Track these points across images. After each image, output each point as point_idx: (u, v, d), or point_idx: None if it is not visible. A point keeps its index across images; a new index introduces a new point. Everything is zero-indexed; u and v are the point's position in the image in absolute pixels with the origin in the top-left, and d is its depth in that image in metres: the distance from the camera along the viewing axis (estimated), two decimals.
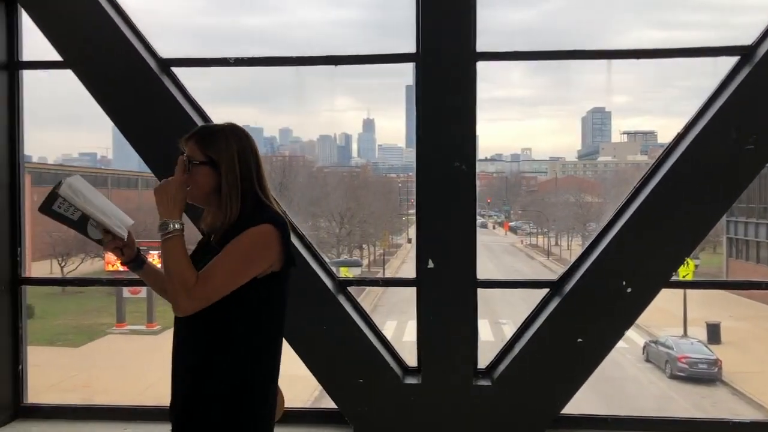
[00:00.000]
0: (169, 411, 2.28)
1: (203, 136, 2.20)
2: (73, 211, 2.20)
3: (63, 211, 2.20)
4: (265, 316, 2.16)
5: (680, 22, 64.65)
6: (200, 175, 2.17)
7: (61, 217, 2.22)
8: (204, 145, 2.18)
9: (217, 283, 2.05)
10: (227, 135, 2.19)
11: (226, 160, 2.15)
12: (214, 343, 2.11)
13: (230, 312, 2.09)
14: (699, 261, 23.13)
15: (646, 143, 45.91)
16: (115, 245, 2.23)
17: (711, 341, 20.29)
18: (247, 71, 5.40)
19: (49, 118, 45.44)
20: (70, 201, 2.18)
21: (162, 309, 23.90)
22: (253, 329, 2.13)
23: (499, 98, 62.10)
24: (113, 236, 2.23)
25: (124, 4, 4.41)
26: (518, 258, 33.44)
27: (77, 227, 2.24)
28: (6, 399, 4.50)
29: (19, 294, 4.61)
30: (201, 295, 2.04)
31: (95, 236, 2.25)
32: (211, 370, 2.11)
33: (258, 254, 2.08)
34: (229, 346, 2.11)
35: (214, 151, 2.16)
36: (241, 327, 2.12)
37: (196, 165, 2.17)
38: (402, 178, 39.59)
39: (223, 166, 2.15)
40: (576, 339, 4.09)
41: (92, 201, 2.21)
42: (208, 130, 2.23)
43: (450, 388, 4.15)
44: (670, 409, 15.55)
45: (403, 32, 4.37)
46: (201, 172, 2.17)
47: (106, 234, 2.22)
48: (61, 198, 2.18)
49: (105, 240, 2.23)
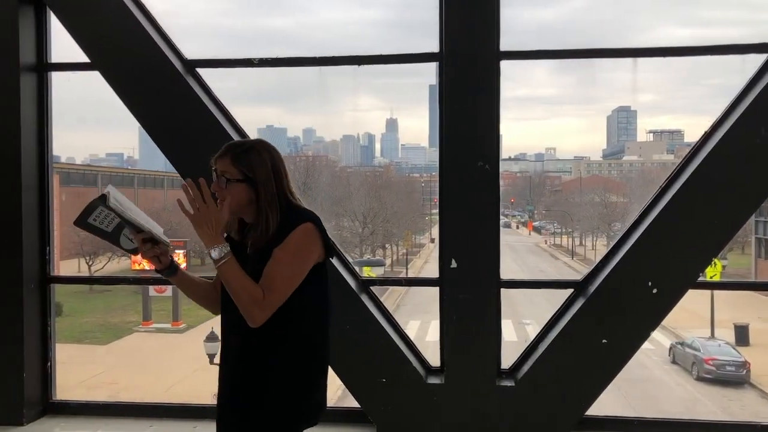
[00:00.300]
0: (223, 409, 2.42)
1: (237, 153, 2.29)
2: (107, 223, 2.28)
3: (98, 223, 2.28)
4: (316, 305, 2.33)
5: (707, 19, 63.83)
6: (236, 191, 2.26)
7: (96, 229, 2.30)
8: (240, 163, 2.27)
9: (280, 289, 2.20)
10: (260, 151, 2.31)
11: (262, 175, 2.27)
12: (276, 337, 2.25)
13: (289, 306, 2.24)
14: (727, 261, 22.79)
15: (673, 142, 45.35)
16: (153, 253, 2.32)
17: (739, 343, 19.98)
18: (271, 72, 5.44)
19: (77, 119, 46.13)
20: (117, 212, 2.24)
21: (187, 308, 24.13)
22: (307, 319, 2.30)
23: (523, 97, 61.76)
24: (152, 244, 2.30)
25: (150, 6, 4.47)
26: (542, 258, 33.23)
27: (110, 238, 2.32)
28: (35, 395, 4.58)
29: (48, 292, 4.69)
30: (270, 304, 2.19)
31: (128, 246, 2.34)
32: (274, 363, 2.26)
33: (307, 253, 2.24)
34: (289, 338, 2.26)
35: (250, 168, 2.27)
36: (298, 319, 2.27)
37: (233, 182, 2.26)
38: (425, 177, 39.54)
39: (260, 181, 2.26)
40: (601, 340, 4.06)
41: (134, 211, 2.29)
42: (241, 148, 2.33)
43: (473, 389, 4.14)
44: (696, 411, 15.35)
45: (426, 32, 4.37)
46: (237, 189, 2.26)
47: (145, 243, 2.30)
48: (99, 210, 2.25)
49: (144, 248, 2.30)
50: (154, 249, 2.31)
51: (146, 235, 2.29)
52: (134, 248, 2.34)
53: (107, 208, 2.24)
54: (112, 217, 2.27)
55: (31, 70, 4.57)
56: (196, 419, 4.50)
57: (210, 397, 16.22)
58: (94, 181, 34.17)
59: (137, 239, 2.29)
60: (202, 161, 4.38)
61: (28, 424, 4.46)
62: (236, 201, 2.27)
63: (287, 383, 2.28)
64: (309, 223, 2.25)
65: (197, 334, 20.33)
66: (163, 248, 2.33)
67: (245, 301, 2.18)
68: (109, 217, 2.27)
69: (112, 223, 2.28)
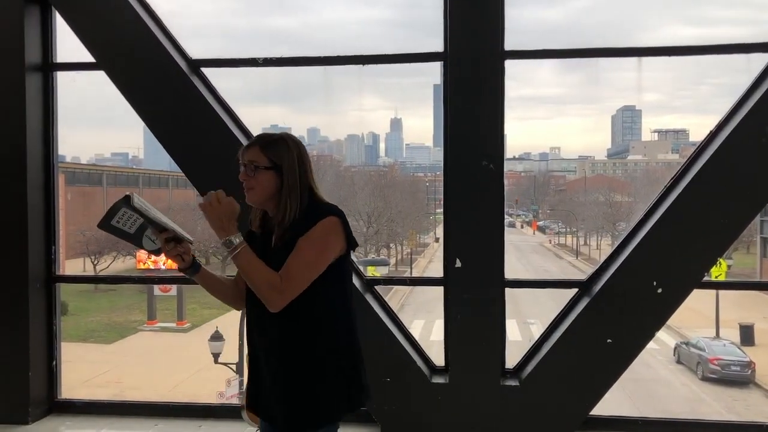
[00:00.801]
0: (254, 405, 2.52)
1: (267, 142, 2.39)
2: (130, 225, 2.33)
3: (121, 225, 2.33)
4: (342, 293, 2.42)
5: (711, 19, 63.63)
6: (264, 179, 2.35)
7: (119, 231, 2.34)
8: (269, 151, 2.36)
9: (299, 277, 2.28)
10: (287, 141, 2.40)
11: (288, 163, 2.36)
12: (306, 328, 2.33)
13: (315, 298, 2.32)
14: (732, 261, 22.73)
15: (677, 142, 45.25)
16: (177, 251, 2.37)
17: (744, 343, 19.92)
18: (275, 71, 5.45)
19: (82, 118, 46.22)
20: (142, 212, 2.28)
21: (191, 307, 24.21)
22: (336, 306, 2.39)
23: (528, 97, 61.59)
24: (175, 243, 2.35)
25: (154, 6, 4.48)
26: (546, 257, 33.17)
27: (133, 240, 2.36)
28: (41, 394, 4.60)
29: (54, 291, 4.71)
30: (288, 289, 2.26)
31: (150, 247, 2.39)
32: (314, 352, 2.33)
33: (329, 244, 2.32)
34: (323, 326, 2.35)
35: (278, 156, 2.36)
36: (324, 308, 2.36)
37: (261, 169, 2.35)
38: (429, 177, 39.51)
39: (286, 169, 2.35)
40: (605, 340, 4.05)
41: (156, 211, 2.34)
42: (270, 138, 2.41)
43: (477, 388, 4.14)
44: (701, 411, 15.31)
45: (431, 31, 4.36)
46: (265, 176, 2.35)
47: (168, 242, 2.34)
48: (122, 212, 2.29)
49: (167, 247, 2.35)
50: (177, 248, 2.36)
51: (169, 234, 2.34)
52: (156, 249, 2.39)
53: (130, 210, 2.29)
54: (135, 218, 2.32)
55: (36, 70, 4.59)
56: (200, 418, 4.51)
57: (215, 396, 16.22)
58: (99, 180, 34.26)
59: (160, 238, 2.34)
60: (206, 160, 4.42)
61: (33, 423, 4.47)
62: (264, 189, 2.35)
63: (331, 370, 2.35)
64: (333, 217, 2.33)
65: (202, 333, 20.38)
66: (186, 246, 2.38)
67: (263, 287, 2.26)
68: (131, 218, 2.31)
69: (135, 224, 2.33)
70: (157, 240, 2.36)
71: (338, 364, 2.37)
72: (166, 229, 2.32)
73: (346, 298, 2.44)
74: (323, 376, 2.34)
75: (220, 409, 4.71)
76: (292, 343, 2.34)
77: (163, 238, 2.34)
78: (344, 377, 2.39)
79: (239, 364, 14.92)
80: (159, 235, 2.33)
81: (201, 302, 25.33)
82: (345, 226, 2.37)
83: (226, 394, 14.66)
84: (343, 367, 2.39)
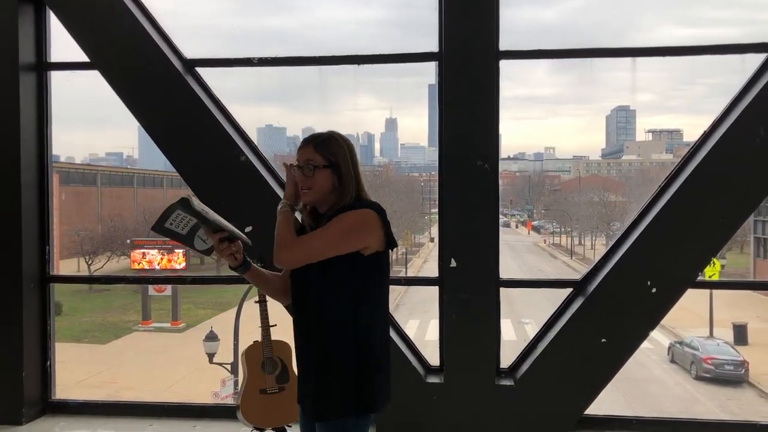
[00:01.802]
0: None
1: (319, 141, 2.43)
2: (183, 226, 2.39)
3: (174, 227, 2.38)
4: (376, 290, 2.43)
5: (706, 19, 63.82)
6: (322, 177, 2.39)
7: (172, 233, 2.39)
8: (323, 149, 2.41)
9: (309, 244, 2.35)
10: (337, 138, 2.45)
11: (342, 159, 2.41)
12: (341, 320, 2.36)
13: (349, 291, 2.36)
14: (725, 261, 22.82)
15: (672, 142, 45.44)
16: (230, 251, 2.41)
17: (738, 342, 20.01)
18: (270, 71, 5.45)
19: (77, 118, 46.11)
20: (202, 213, 2.33)
21: (186, 307, 24.16)
22: (368, 303, 2.40)
23: (523, 97, 61.76)
24: (228, 243, 2.40)
25: (149, 6, 4.47)
26: (541, 257, 33.25)
27: (184, 240, 2.42)
28: (34, 395, 4.58)
29: (48, 291, 4.70)
30: (295, 250, 2.35)
31: (201, 247, 2.45)
32: (341, 345, 2.35)
33: (355, 232, 2.34)
34: (355, 321, 2.36)
35: (332, 154, 2.41)
36: (358, 302, 2.37)
37: (319, 168, 2.39)
38: (424, 177, 39.58)
39: (341, 165, 2.40)
40: (600, 339, 4.06)
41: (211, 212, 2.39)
42: (321, 137, 2.45)
43: (472, 388, 4.14)
44: (695, 410, 15.35)
45: (426, 31, 4.37)
46: (322, 175, 2.39)
47: (222, 242, 2.39)
48: (176, 213, 2.34)
49: (221, 247, 2.40)
50: (230, 247, 2.40)
51: (224, 234, 2.38)
52: (207, 248, 2.45)
53: (183, 212, 2.33)
54: (188, 220, 2.37)
55: (30, 70, 4.57)
56: (195, 418, 4.50)
57: (210, 396, 16.16)
58: (93, 180, 34.19)
59: (214, 238, 2.39)
60: (201, 160, 4.42)
61: (27, 423, 4.46)
62: (321, 187, 2.39)
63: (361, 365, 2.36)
64: (371, 210, 2.37)
65: (197, 333, 20.34)
66: (238, 246, 2.43)
67: (277, 242, 2.34)
68: (185, 220, 2.37)
69: (187, 226, 2.38)
70: (208, 240, 2.41)
71: (377, 362, 2.40)
72: (221, 229, 2.37)
73: (383, 297, 2.47)
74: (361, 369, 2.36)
75: (215, 409, 4.71)
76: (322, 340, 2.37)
77: (217, 238, 2.39)
78: (384, 374, 2.44)
79: (234, 364, 14.89)
80: (212, 236, 2.38)
81: (196, 302, 25.30)
82: (384, 222, 2.39)
83: (221, 394, 14.63)
84: (381, 365, 2.42)
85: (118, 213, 30.53)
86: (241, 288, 15.19)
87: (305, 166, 2.39)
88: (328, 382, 2.37)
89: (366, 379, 2.37)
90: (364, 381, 2.37)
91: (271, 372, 3.80)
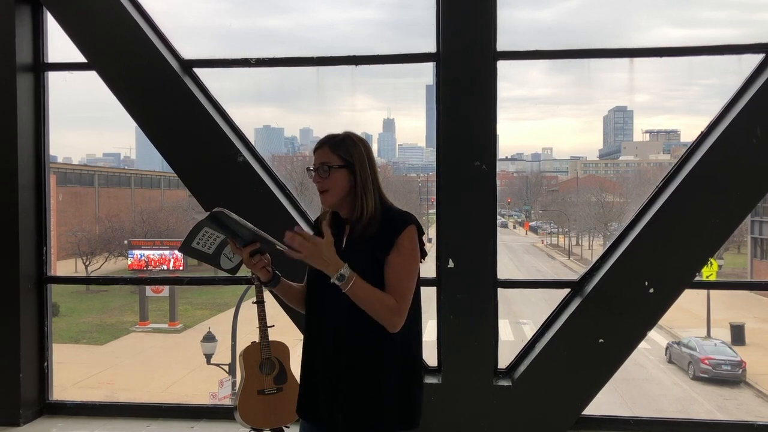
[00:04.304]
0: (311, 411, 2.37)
1: (335, 142, 2.37)
2: (209, 245, 2.31)
3: (201, 246, 2.30)
4: (416, 303, 2.39)
5: (703, 20, 63.96)
6: (338, 177, 2.33)
7: (198, 253, 2.31)
8: (338, 149, 2.35)
9: (408, 292, 2.29)
10: (353, 138, 2.40)
11: (358, 158, 2.35)
12: (382, 336, 2.27)
13: None
14: (723, 261, 22.87)
15: (669, 142, 45.52)
16: (263, 264, 2.32)
17: (735, 342, 20.05)
18: (268, 72, 5.44)
19: (74, 118, 46.07)
20: (237, 226, 2.22)
21: (184, 308, 24.16)
22: (415, 309, 2.36)
23: (520, 97, 61.80)
24: (260, 256, 2.31)
25: (146, 6, 4.47)
26: (539, 258, 33.27)
27: (211, 260, 2.33)
28: (32, 396, 4.57)
29: (45, 292, 4.69)
30: (404, 308, 2.27)
31: (227, 266, 2.37)
32: (382, 360, 2.28)
33: (418, 254, 2.33)
34: (394, 336, 2.28)
35: (348, 153, 2.35)
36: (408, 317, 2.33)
37: (335, 169, 2.33)
38: (422, 177, 39.58)
39: (357, 166, 2.34)
40: (597, 339, 4.06)
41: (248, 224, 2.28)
42: (336, 137, 2.40)
43: (470, 388, 4.14)
44: (692, 411, 15.38)
45: (423, 32, 4.37)
46: (339, 175, 2.33)
47: (253, 256, 2.29)
48: (203, 231, 2.25)
49: (253, 261, 2.30)
50: (261, 260, 2.32)
51: (255, 247, 2.28)
52: (232, 267, 2.38)
53: (212, 228, 2.25)
54: (215, 237, 2.28)
55: (27, 70, 4.57)
56: (193, 419, 4.50)
57: (207, 396, 16.14)
58: (90, 181, 34.16)
59: (244, 253, 2.28)
60: (198, 161, 4.41)
61: (24, 424, 4.45)
62: (339, 188, 2.33)
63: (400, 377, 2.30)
64: (413, 226, 2.32)
65: (194, 334, 20.35)
66: (269, 258, 2.34)
67: (382, 312, 2.23)
68: (212, 238, 2.29)
69: (214, 244, 2.31)
70: (234, 257, 2.35)
71: (419, 373, 2.37)
72: (255, 240, 2.27)
73: (419, 309, 2.42)
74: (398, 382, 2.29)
75: (213, 410, 4.70)
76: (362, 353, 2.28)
77: (247, 252, 2.28)
78: (422, 385, 2.39)
79: (231, 365, 14.88)
80: (241, 251, 2.27)
81: (193, 303, 25.31)
82: (420, 233, 2.37)
83: (219, 395, 14.63)
84: (422, 376, 2.39)
85: (115, 214, 30.52)
86: (239, 289, 15.19)
87: (321, 167, 2.32)
88: (368, 395, 2.26)
89: (410, 391, 2.30)
90: (408, 393, 2.30)
91: (268, 373, 3.79)
